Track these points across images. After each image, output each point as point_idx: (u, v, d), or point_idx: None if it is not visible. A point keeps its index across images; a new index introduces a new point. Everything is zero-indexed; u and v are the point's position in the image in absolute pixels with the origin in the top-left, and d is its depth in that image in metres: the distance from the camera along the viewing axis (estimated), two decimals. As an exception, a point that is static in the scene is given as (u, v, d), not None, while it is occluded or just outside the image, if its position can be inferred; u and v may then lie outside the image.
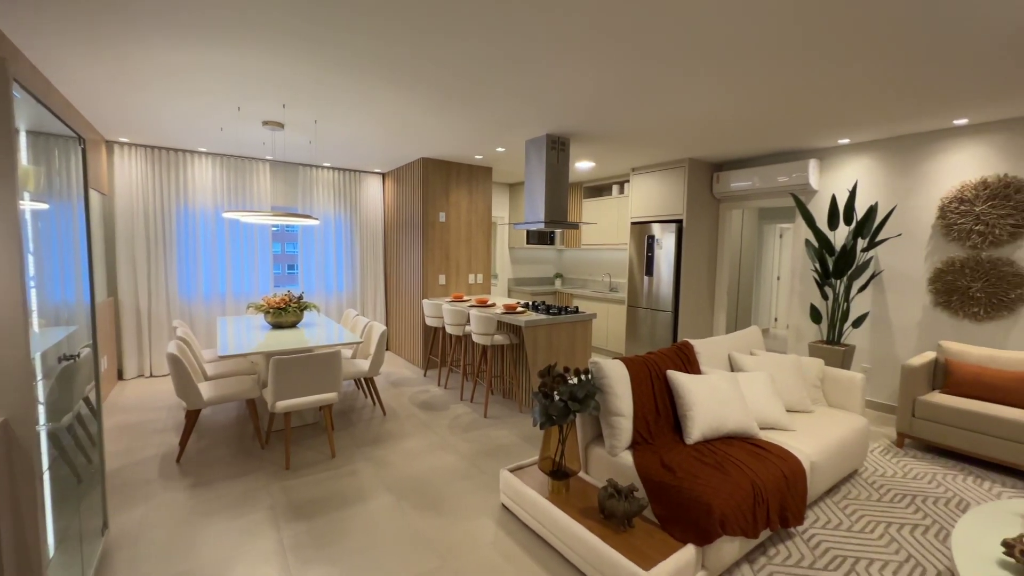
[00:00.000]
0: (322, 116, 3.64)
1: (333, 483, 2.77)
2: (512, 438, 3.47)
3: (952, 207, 3.70)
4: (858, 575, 2.03)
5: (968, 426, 3.07)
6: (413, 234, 5.47)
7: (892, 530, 2.36)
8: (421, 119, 3.70)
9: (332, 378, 3.11)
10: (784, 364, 3.07)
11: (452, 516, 2.45)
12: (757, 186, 4.80)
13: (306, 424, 3.67)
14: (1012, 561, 1.63)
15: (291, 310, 3.88)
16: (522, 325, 3.80)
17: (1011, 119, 3.41)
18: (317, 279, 5.90)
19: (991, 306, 3.53)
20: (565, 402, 2.23)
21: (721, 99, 3.11)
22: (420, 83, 2.90)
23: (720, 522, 1.86)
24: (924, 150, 3.85)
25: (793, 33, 2.17)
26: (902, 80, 2.72)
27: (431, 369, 5.41)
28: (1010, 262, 3.44)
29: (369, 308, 6.26)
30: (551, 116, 3.56)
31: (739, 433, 2.47)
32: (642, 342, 5.58)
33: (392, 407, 4.11)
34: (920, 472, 3.00)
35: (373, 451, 3.22)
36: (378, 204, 6.27)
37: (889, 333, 4.10)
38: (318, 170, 5.77)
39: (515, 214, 7.15)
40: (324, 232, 5.90)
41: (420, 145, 4.61)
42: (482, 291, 5.81)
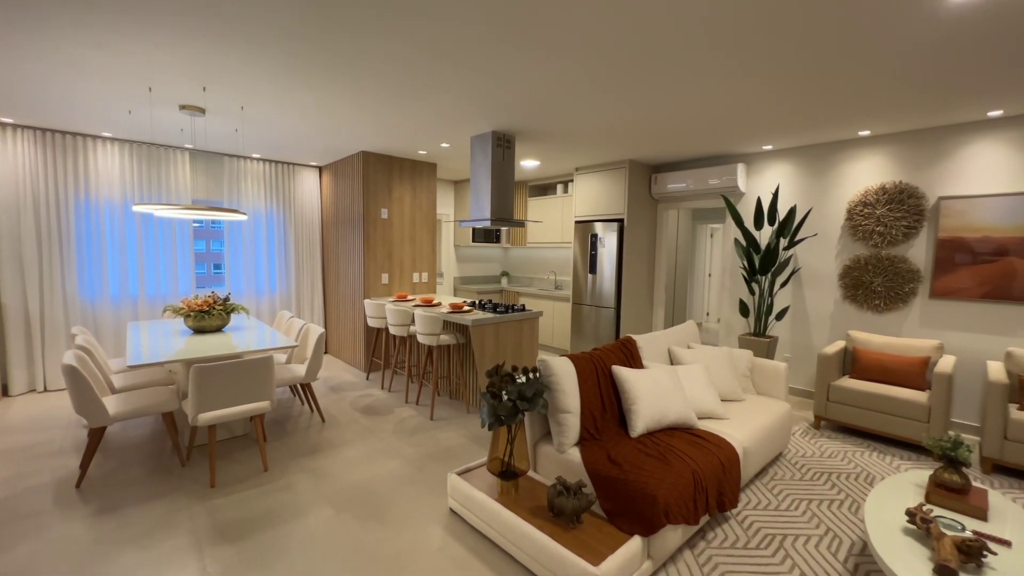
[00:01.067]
0: (249, 102, 3.36)
1: (265, 499, 2.57)
2: (460, 440, 3.41)
3: (857, 210, 4.09)
4: (786, 551, 2.18)
5: (872, 407, 3.42)
6: (353, 231, 5.22)
7: (813, 506, 2.57)
8: (361, 110, 3.52)
9: (263, 386, 2.88)
10: (717, 356, 3.25)
11: (398, 525, 2.35)
12: (691, 188, 5.05)
13: (234, 436, 3.38)
14: (914, 528, 1.82)
15: (216, 313, 3.55)
16: (469, 324, 3.74)
17: (905, 131, 3.83)
18: (247, 279, 5.47)
19: (889, 299, 3.95)
20: (514, 402, 2.20)
21: (657, 103, 3.22)
22: (359, 72, 2.75)
23: (665, 512, 1.91)
24: (834, 157, 4.24)
25: (718, 48, 2.28)
26: (815, 95, 2.96)
27: (374, 372, 5.20)
28: (904, 259, 3.87)
29: (306, 310, 5.91)
30: (497, 112, 3.52)
31: (680, 424, 2.58)
32: (587, 339, 5.70)
33: (332, 413, 3.89)
34: (834, 451, 3.30)
35: (311, 462, 3.02)
36: (315, 199, 5.92)
37: (806, 325, 4.47)
38: (246, 161, 5.35)
39: (460, 211, 7.05)
40: (254, 228, 5.48)
41: (360, 138, 4.40)
42: (427, 290, 5.67)
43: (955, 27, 2.10)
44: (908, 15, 2.00)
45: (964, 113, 3.33)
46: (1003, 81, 2.72)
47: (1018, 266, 3.38)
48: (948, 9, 1.95)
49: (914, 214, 3.80)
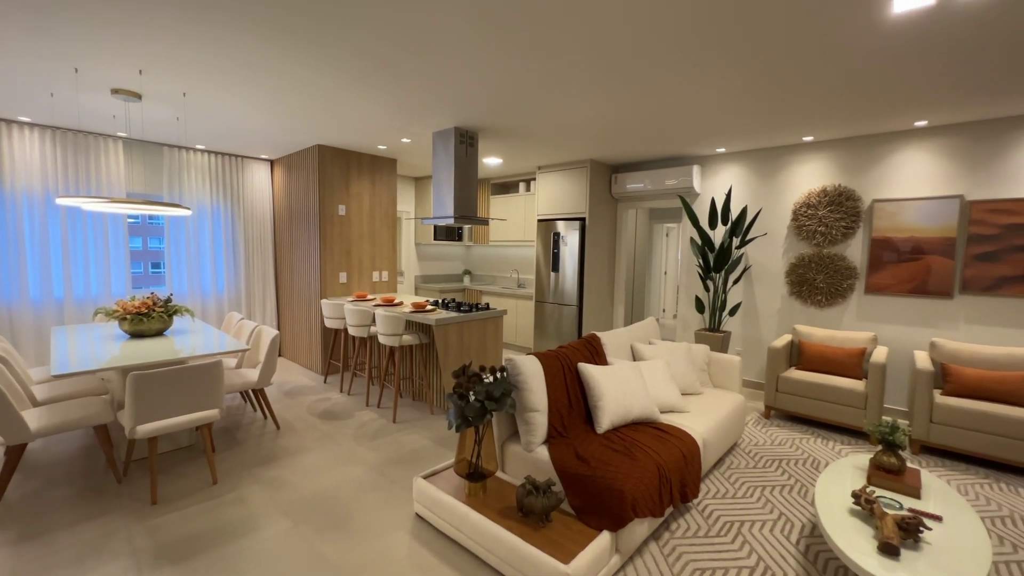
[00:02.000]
0: (192, 88, 3.13)
1: (215, 514, 2.40)
2: (424, 442, 3.33)
3: (802, 211, 4.35)
4: (744, 537, 2.28)
5: (816, 396, 3.65)
6: (309, 228, 4.99)
7: (766, 492, 2.70)
8: (316, 102, 3.36)
9: (211, 393, 2.69)
10: (677, 351, 3.35)
11: (361, 534, 2.26)
12: (649, 188, 5.19)
13: (178, 448, 3.15)
14: (859, 508, 1.94)
15: (156, 316, 3.29)
16: (432, 324, 3.67)
17: (844, 138, 4.10)
18: (190, 279, 5.11)
19: (830, 294, 4.23)
20: (482, 402, 2.17)
21: (618, 105, 3.28)
22: (315, 61, 2.62)
23: (632, 506, 1.95)
24: (781, 161, 4.48)
25: (676, 57, 2.34)
26: (764, 102, 3.11)
27: (332, 375, 5.01)
28: (843, 257, 4.15)
29: (257, 311, 5.60)
30: (460, 108, 3.47)
31: (644, 418, 2.63)
32: (549, 336, 5.75)
33: (287, 420, 3.71)
34: (783, 439, 3.49)
35: (265, 471, 2.86)
36: (266, 194, 5.61)
37: (757, 320, 4.71)
38: (190, 153, 4.99)
39: (422, 209, 6.91)
40: (199, 224, 5.13)
41: (315, 130, 4.21)
42: (388, 289, 5.52)
43: (887, 44, 2.25)
44: (848, 32, 2.13)
45: (894, 122, 3.61)
46: (927, 95, 2.96)
47: (939, 264, 3.71)
48: (882, 28, 2.09)
49: (851, 215, 4.08)
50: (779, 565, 2.08)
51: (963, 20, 2.04)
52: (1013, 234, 3.43)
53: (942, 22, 2.06)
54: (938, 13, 1.99)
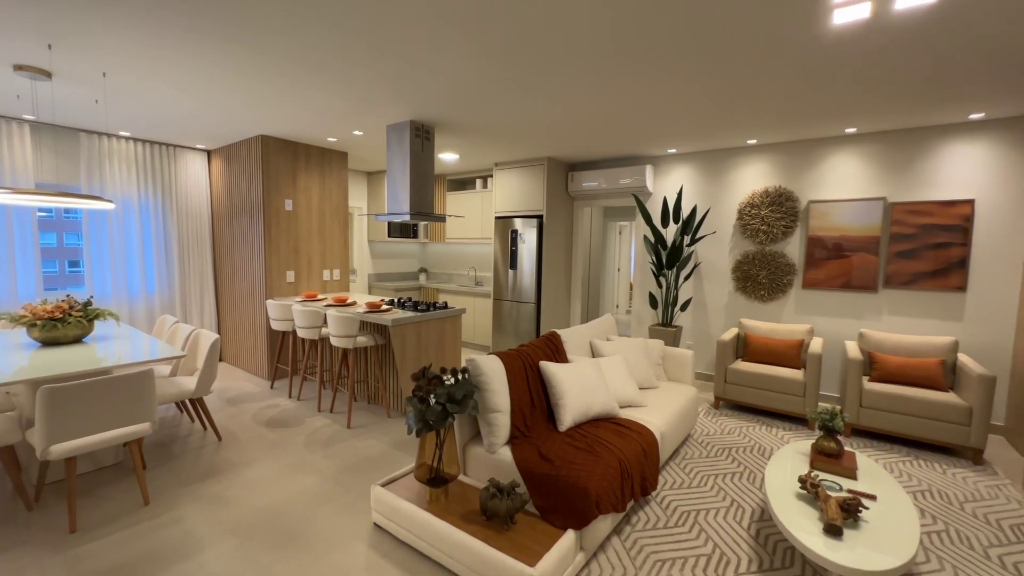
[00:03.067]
0: (114, 68, 2.82)
1: (148, 539, 2.18)
2: (382, 448, 3.21)
3: (746, 211, 4.58)
4: (700, 525, 2.36)
5: (760, 386, 3.86)
6: (252, 224, 4.67)
7: (719, 480, 2.82)
8: (259, 89, 3.13)
9: (141, 405, 2.45)
10: (634, 347, 3.43)
11: (315, 548, 2.13)
12: (604, 186, 5.28)
13: (102, 468, 2.85)
14: (805, 492, 2.06)
15: (72, 321, 2.95)
16: (389, 324, 3.54)
17: (784, 142, 4.35)
18: (115, 279, 4.64)
19: (772, 289, 4.49)
20: (443, 405, 2.10)
21: (574, 104, 3.29)
22: (257, 44, 2.43)
23: (596, 503, 1.96)
24: (728, 162, 4.69)
25: (630, 58, 2.38)
26: (712, 105, 3.23)
27: (280, 380, 4.73)
28: (783, 255, 4.41)
29: (195, 313, 5.19)
30: (415, 101, 3.35)
31: (604, 414, 2.67)
32: (508, 334, 5.73)
33: (230, 430, 3.46)
34: (732, 427, 3.66)
35: (205, 488, 2.64)
36: (202, 187, 5.20)
37: (706, 314, 4.92)
38: (112, 140, 4.52)
39: (375, 205, 6.67)
40: (124, 219, 4.66)
41: (258, 120, 3.94)
42: (339, 288, 5.29)
43: (822, 55, 2.39)
44: (788, 42, 2.24)
45: (828, 128, 3.86)
46: (857, 103, 3.19)
47: (865, 261, 4.02)
48: (822, 40, 2.21)
49: (790, 215, 4.35)
50: (733, 551, 2.17)
51: (892, 35, 2.20)
52: (928, 233, 3.78)
53: (874, 36, 2.21)
54: (872, 27, 2.13)
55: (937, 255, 3.75)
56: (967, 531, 2.36)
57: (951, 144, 3.67)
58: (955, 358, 3.47)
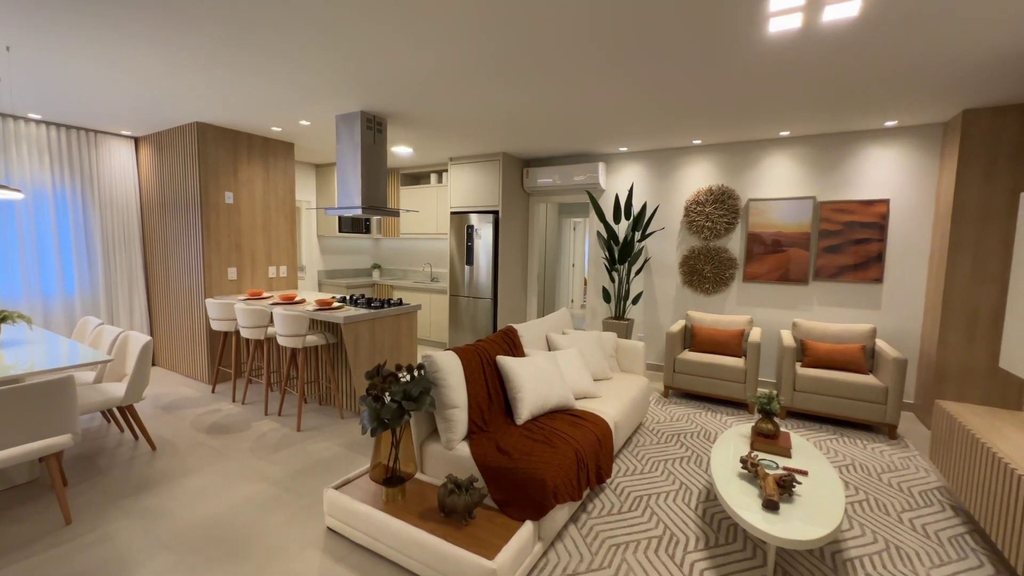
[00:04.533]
0: (20, 41, 2.53)
1: (72, 560, 2.00)
2: (334, 449, 3.11)
3: (692, 208, 4.80)
4: (652, 509, 2.47)
5: (706, 374, 4.07)
6: (187, 218, 4.36)
7: (668, 465, 2.95)
8: (193, 72, 2.92)
9: (59, 415, 2.23)
10: (589, 340, 3.51)
11: (265, 558, 2.04)
12: (559, 183, 5.36)
13: (13, 487, 2.57)
14: (746, 472, 2.20)
15: (-26, 325, 2.64)
16: (340, 322, 3.42)
17: (725, 143, 4.60)
18: (25, 278, 4.18)
19: (716, 282, 4.74)
20: (399, 402, 2.07)
21: (527, 100, 3.31)
22: (188, 20, 2.26)
23: (553, 493, 1.99)
24: (675, 162, 4.89)
25: (583, 58, 2.42)
26: (658, 106, 3.36)
27: (221, 383, 4.46)
28: (726, 250, 4.66)
29: (123, 314, 4.77)
30: (366, 91, 3.24)
31: (561, 406, 2.72)
32: (465, 330, 5.70)
33: (166, 438, 3.22)
34: (680, 415, 3.84)
35: (137, 502, 2.45)
36: (129, 177, 4.78)
37: (655, 307, 5.12)
38: (19, 123, 4.06)
39: (324, 198, 6.41)
40: (36, 211, 4.21)
41: (193, 106, 3.67)
42: (287, 286, 5.05)
43: (758, 62, 2.55)
44: (727, 50, 2.36)
45: (764, 131, 4.12)
46: (787, 108, 3.42)
47: (798, 255, 4.33)
48: (756, 47, 2.35)
49: (732, 212, 4.60)
50: (682, 531, 2.29)
51: (819, 45, 2.37)
52: (851, 230, 4.12)
53: (804, 45, 2.37)
54: (802, 37, 2.28)
55: (858, 250, 4.10)
56: (884, 499, 2.61)
57: (870, 148, 4.02)
58: (874, 343, 3.81)
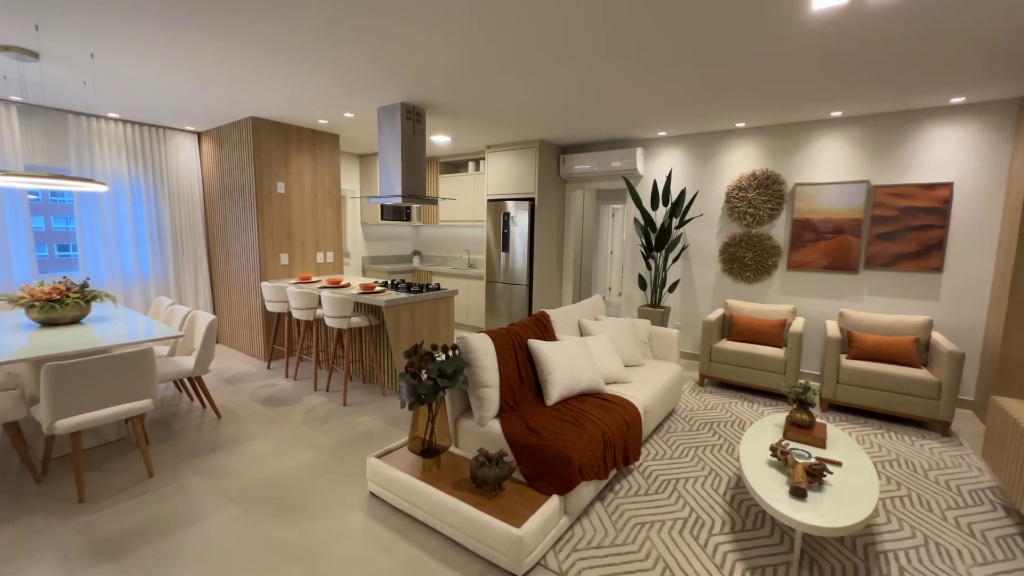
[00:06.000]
0: (102, 50, 2.81)
1: (153, 508, 2.29)
2: (377, 423, 3.33)
3: (734, 193, 4.65)
4: (679, 492, 2.50)
5: (743, 364, 3.99)
6: (244, 207, 4.70)
7: (699, 452, 2.96)
8: (248, 69, 3.14)
9: (141, 382, 2.53)
10: (621, 326, 3.53)
11: (315, 516, 2.25)
12: (595, 169, 5.33)
13: (106, 443, 2.94)
14: (776, 460, 2.19)
15: (70, 302, 3.00)
16: (382, 305, 3.62)
17: (771, 125, 4.41)
18: (109, 262, 4.67)
19: (758, 271, 4.60)
20: (434, 380, 2.20)
21: (565, 86, 3.32)
22: (245, 23, 2.44)
23: (579, 470, 2.08)
24: (717, 146, 4.74)
25: (620, 41, 2.41)
26: (701, 88, 3.27)
27: (276, 360, 4.82)
28: (769, 237, 4.50)
29: (189, 295, 5.23)
30: (406, 83, 3.36)
31: (590, 390, 2.78)
32: (501, 315, 5.83)
33: (229, 408, 3.55)
34: (715, 403, 3.80)
35: (208, 461, 2.75)
36: (194, 169, 5.19)
37: (693, 295, 5.04)
38: (101, 122, 4.49)
39: (368, 187, 6.67)
40: (116, 202, 4.67)
41: (249, 101, 3.93)
42: (333, 271, 5.34)
43: (805, 40, 2.44)
44: (769, 26, 2.28)
45: (814, 112, 3.92)
46: (842, 87, 3.24)
47: (848, 243, 4.13)
48: (800, 25, 2.26)
49: (776, 198, 4.43)
50: (708, 514, 2.31)
51: (870, 19, 2.25)
52: (909, 216, 3.88)
53: (854, 20, 2.26)
54: (850, 12, 2.18)
55: (916, 237, 3.86)
56: (928, 496, 2.52)
57: (933, 127, 3.74)
58: (929, 336, 3.61)
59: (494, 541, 1.89)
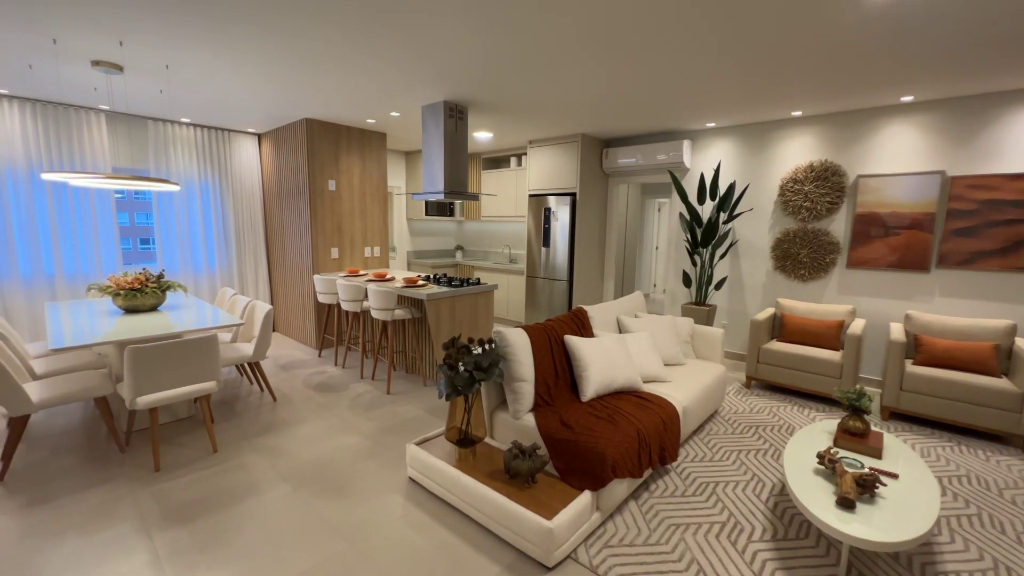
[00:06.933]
0: (175, 60, 3.07)
1: (217, 480, 2.51)
2: (417, 412, 3.45)
3: (788, 186, 4.40)
4: (717, 496, 2.43)
5: (795, 366, 3.79)
6: (299, 204, 4.98)
7: (742, 456, 2.86)
8: (302, 74, 3.32)
9: (208, 366, 2.77)
10: (662, 324, 3.45)
11: (358, 497, 2.39)
12: (640, 163, 5.20)
13: (178, 419, 3.24)
14: (823, 468, 2.08)
15: (149, 291, 3.32)
16: (424, 298, 3.74)
17: (831, 113, 4.12)
18: (181, 255, 5.11)
19: (813, 269, 4.33)
20: (470, 372, 2.26)
21: (610, 78, 3.27)
22: (298, 31, 2.59)
23: (612, 467, 2.07)
24: (770, 136, 4.50)
25: (668, 28, 2.34)
26: (754, 75, 3.11)
27: (326, 349, 5.10)
28: (827, 233, 4.23)
29: (250, 286, 5.63)
30: (448, 82, 3.44)
31: (626, 388, 2.75)
32: (540, 310, 5.85)
33: (283, 392, 3.81)
34: (762, 407, 3.64)
35: (264, 441, 2.97)
36: (254, 168, 5.56)
37: (742, 293, 4.82)
38: (175, 126, 4.91)
39: (413, 184, 6.87)
40: (187, 200, 5.09)
41: (302, 104, 4.16)
42: (380, 265, 5.56)
43: (873, 17, 2.26)
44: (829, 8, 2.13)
45: (881, 97, 3.63)
46: (914, 69, 2.98)
47: (920, 239, 3.80)
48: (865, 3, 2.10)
49: (836, 191, 4.14)
50: (748, 520, 2.24)
51: (945, -4, 2.06)
52: (991, 209, 3.52)
53: (924, -2, 2.08)
54: (920, -11, 2.00)
55: (1002, 233, 3.49)
56: (1001, 516, 2.31)
57: (1020, 112, 3.36)
58: (1012, 342, 3.27)
59: (525, 531, 1.93)
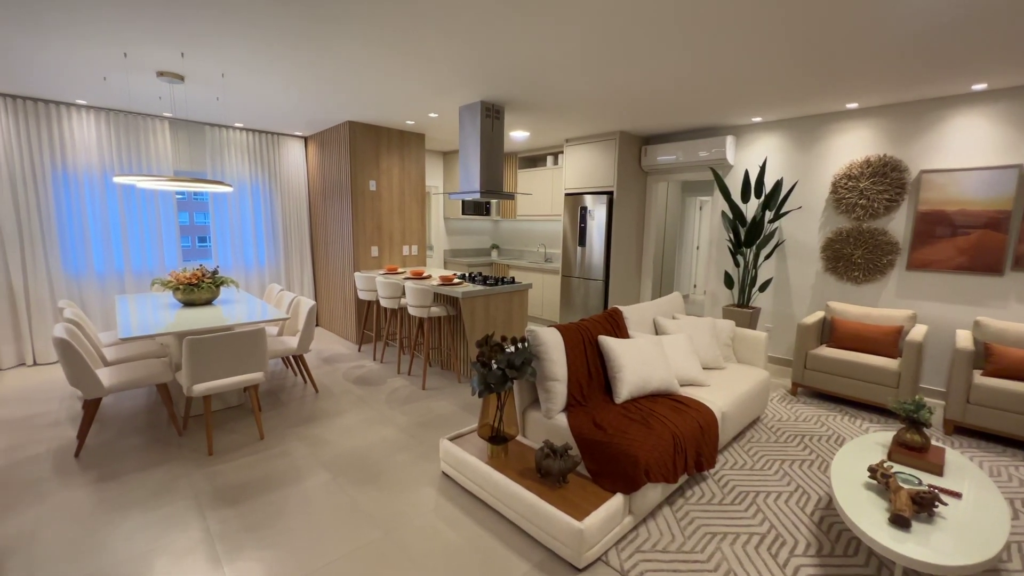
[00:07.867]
0: (230, 70, 3.26)
1: (263, 465, 2.65)
2: (451, 408, 3.51)
3: (842, 183, 4.15)
4: (758, 506, 2.34)
5: (846, 374, 3.58)
6: (341, 203, 5.17)
7: (785, 466, 2.73)
8: (345, 78, 3.44)
9: (256, 357, 2.92)
10: (701, 326, 3.35)
11: (393, 488, 2.46)
12: (681, 160, 5.05)
13: (229, 407, 3.45)
14: (875, 483, 1.96)
15: (205, 286, 3.55)
16: (459, 296, 3.79)
17: (891, 104, 3.85)
18: (234, 252, 5.42)
19: (868, 270, 4.07)
20: (503, 370, 2.28)
21: (650, 74, 3.19)
22: (342, 37, 2.68)
23: (645, 471, 2.03)
24: (821, 130, 4.26)
25: (711, 19, 2.26)
26: (805, 65, 2.95)
27: (365, 344, 5.27)
28: (884, 232, 3.96)
29: (295, 282, 5.90)
30: (485, 82, 3.47)
31: (662, 390, 2.69)
32: (575, 310, 5.80)
33: (325, 384, 3.97)
34: (809, 415, 3.46)
35: (306, 430, 3.11)
36: (301, 170, 5.82)
37: (788, 296, 4.60)
38: (229, 131, 5.21)
39: (450, 183, 6.98)
40: (240, 201, 5.40)
41: (345, 107, 4.31)
42: (417, 263, 5.69)
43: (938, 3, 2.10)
44: (896, -14, 2.00)
45: (949, 86, 3.36)
46: (989, 53, 2.74)
47: (993, 239, 3.49)
48: (935, -20, 1.95)
49: (896, 187, 3.87)
50: (791, 533, 2.14)
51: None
52: (1077, 206, 3.18)
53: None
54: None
55: (1088, 232, 3.16)
56: (1085, 546, 2.09)
57: (1119, 97, 3.02)
58: (1101, 354, 2.95)
59: (555, 531, 1.92)
